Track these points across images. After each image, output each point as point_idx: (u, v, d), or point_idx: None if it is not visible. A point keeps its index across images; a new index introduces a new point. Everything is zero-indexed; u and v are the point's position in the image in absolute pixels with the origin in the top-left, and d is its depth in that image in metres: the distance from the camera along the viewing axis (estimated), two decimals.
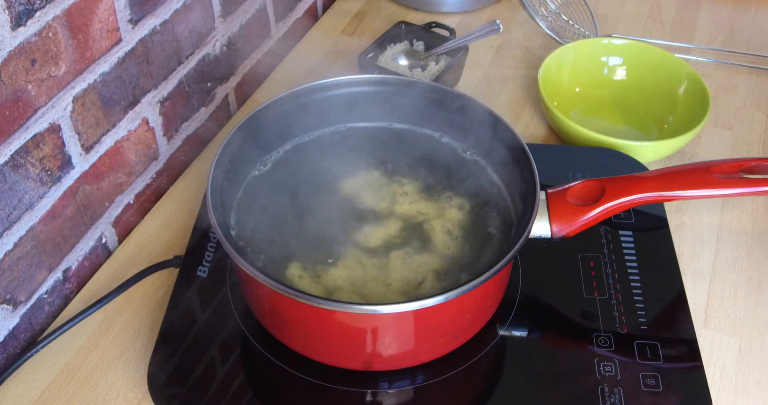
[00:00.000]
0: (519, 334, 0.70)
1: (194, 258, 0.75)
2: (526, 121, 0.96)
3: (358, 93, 0.75)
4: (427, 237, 0.68)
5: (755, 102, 0.99)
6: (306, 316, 0.61)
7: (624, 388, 0.65)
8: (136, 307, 0.75)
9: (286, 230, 0.68)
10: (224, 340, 0.69)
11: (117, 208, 0.81)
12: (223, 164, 0.67)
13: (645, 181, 0.69)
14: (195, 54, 0.87)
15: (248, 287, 0.66)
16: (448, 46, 0.96)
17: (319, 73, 1.04)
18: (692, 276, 0.78)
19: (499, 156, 0.71)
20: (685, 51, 1.07)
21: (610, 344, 0.68)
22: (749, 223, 0.83)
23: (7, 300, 0.69)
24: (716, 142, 0.93)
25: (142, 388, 0.68)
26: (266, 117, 0.71)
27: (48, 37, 0.64)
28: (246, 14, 0.95)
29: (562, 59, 0.97)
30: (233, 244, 0.60)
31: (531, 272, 0.74)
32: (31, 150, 0.66)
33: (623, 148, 0.85)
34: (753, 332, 0.73)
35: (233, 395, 0.65)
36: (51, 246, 0.73)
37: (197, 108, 0.91)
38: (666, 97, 0.95)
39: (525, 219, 0.63)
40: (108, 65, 0.73)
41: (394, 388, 0.66)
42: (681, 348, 0.68)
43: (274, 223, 0.69)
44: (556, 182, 0.71)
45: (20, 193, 0.67)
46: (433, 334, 0.64)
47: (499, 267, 0.59)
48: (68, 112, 0.70)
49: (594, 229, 0.72)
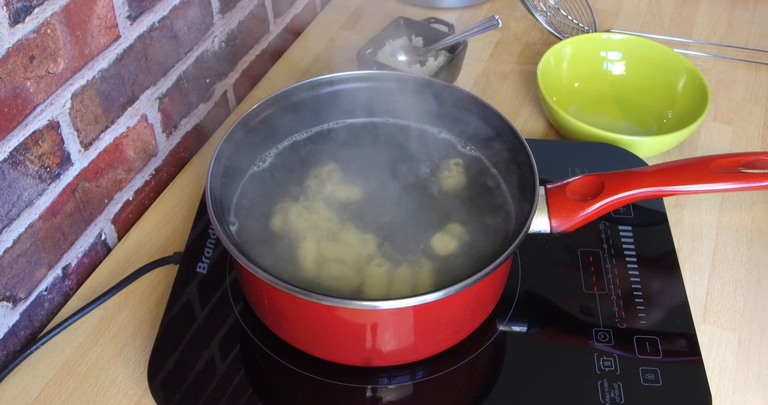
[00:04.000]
0: (518, 329, 0.70)
1: (194, 254, 0.75)
2: (525, 117, 0.96)
3: (357, 89, 0.75)
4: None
5: (754, 96, 0.99)
6: (305, 312, 0.61)
7: (623, 383, 0.65)
8: (135, 303, 0.75)
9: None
10: (224, 337, 0.69)
11: (116, 204, 0.81)
12: (223, 161, 0.67)
13: (644, 176, 0.69)
14: (193, 50, 0.86)
15: (248, 283, 0.66)
16: (447, 41, 0.96)
17: (318, 69, 1.04)
18: (691, 271, 0.78)
19: (498, 151, 0.71)
20: (684, 46, 1.06)
21: (609, 339, 0.68)
22: (748, 217, 0.83)
23: (7, 297, 0.69)
24: (715, 137, 0.93)
25: (142, 385, 0.68)
26: (265, 113, 0.71)
27: (46, 33, 0.64)
28: (244, 10, 0.94)
29: (561, 54, 0.97)
30: (232, 240, 0.60)
31: (530, 267, 0.74)
32: (30, 147, 0.66)
33: (622, 143, 0.85)
34: (752, 327, 0.73)
35: (233, 391, 0.65)
36: (50, 243, 0.73)
37: (196, 104, 0.91)
38: (665, 92, 0.95)
39: (524, 214, 0.63)
40: (106, 62, 0.73)
41: (394, 383, 0.66)
42: (680, 343, 0.69)
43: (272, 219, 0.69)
44: (555, 177, 0.71)
45: (19, 190, 0.67)
46: (433, 329, 0.64)
47: (498, 262, 0.59)
48: (67, 109, 0.69)
49: (593, 224, 0.72)
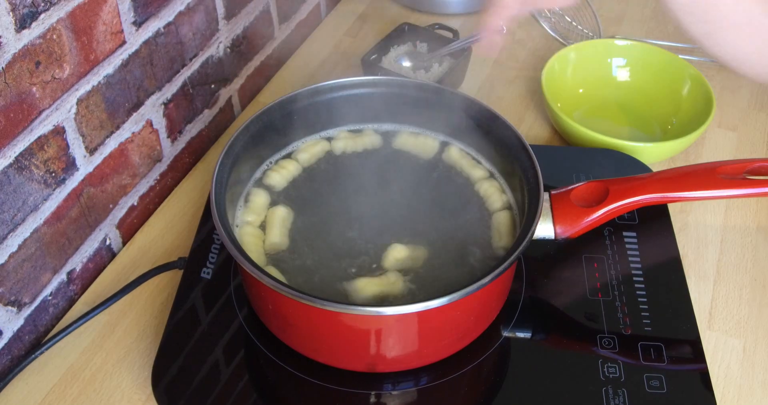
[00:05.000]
0: (523, 335, 0.70)
1: (198, 260, 0.75)
2: (530, 123, 0.96)
3: (362, 95, 0.75)
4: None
5: (759, 103, 0.99)
6: (310, 317, 0.61)
7: (628, 390, 0.65)
8: (140, 308, 0.75)
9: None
10: (228, 342, 0.69)
11: (121, 209, 0.81)
12: (227, 166, 0.67)
13: (649, 182, 0.69)
14: (199, 56, 0.87)
15: (252, 289, 0.66)
16: (451, 47, 0.96)
17: (322, 75, 1.04)
18: (696, 277, 0.78)
19: (502, 157, 0.71)
20: (688, 52, 1.06)
21: (614, 345, 0.68)
22: (753, 224, 0.83)
23: (12, 302, 0.69)
24: (720, 143, 0.93)
25: (146, 390, 0.68)
26: (270, 119, 0.72)
27: (52, 39, 0.64)
28: (249, 16, 0.95)
29: (565, 60, 0.97)
30: (237, 245, 0.60)
31: (535, 274, 0.74)
32: (36, 152, 0.67)
33: (627, 150, 0.85)
34: (758, 333, 0.73)
35: (237, 397, 0.65)
36: (55, 248, 0.73)
37: (201, 110, 0.91)
38: (670, 98, 0.95)
39: (529, 220, 0.63)
40: (112, 67, 0.73)
41: (398, 389, 0.66)
42: (685, 349, 0.68)
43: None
44: (559, 183, 0.71)
45: (25, 195, 0.67)
46: (437, 335, 0.64)
47: (502, 269, 0.59)
48: (72, 115, 0.70)
49: (598, 230, 0.72)
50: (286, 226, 0.68)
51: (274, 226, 0.68)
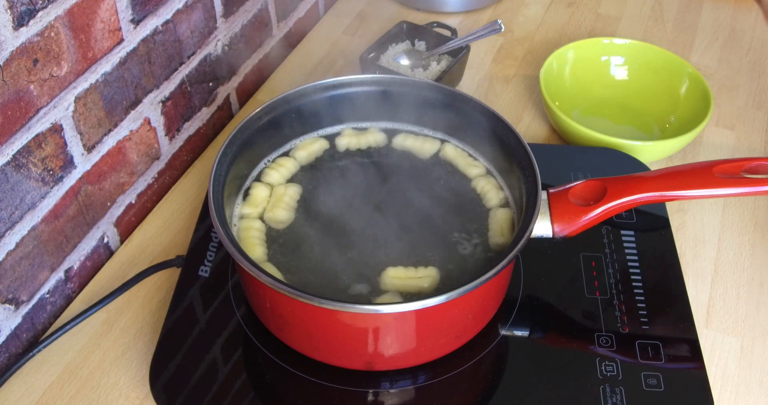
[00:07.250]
0: (520, 333, 0.70)
1: (196, 258, 0.75)
2: (528, 121, 0.96)
3: (360, 93, 0.75)
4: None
5: (757, 102, 0.99)
6: (308, 316, 0.61)
7: (625, 388, 0.65)
8: (137, 307, 0.75)
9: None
10: (226, 340, 0.69)
11: (119, 207, 0.81)
12: (225, 164, 0.67)
13: (647, 180, 0.69)
14: (197, 54, 0.87)
15: (250, 287, 0.66)
16: (449, 45, 0.96)
17: (320, 73, 1.04)
18: (694, 276, 0.78)
19: (500, 156, 0.71)
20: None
21: (611, 344, 0.68)
22: (751, 223, 0.83)
23: (9, 300, 0.69)
24: (718, 142, 0.93)
25: (144, 388, 0.68)
26: (268, 117, 0.72)
27: (50, 37, 0.64)
28: (248, 14, 0.95)
29: (563, 59, 0.97)
30: (235, 243, 0.60)
31: (533, 272, 0.74)
32: (33, 150, 0.66)
33: (625, 148, 0.85)
34: (755, 332, 0.73)
35: (235, 395, 0.65)
36: (53, 246, 0.73)
37: (199, 108, 0.91)
38: (668, 96, 0.95)
39: (526, 219, 0.63)
40: (110, 65, 0.73)
41: (396, 387, 0.66)
42: (683, 348, 0.68)
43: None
44: (557, 182, 0.71)
45: (22, 193, 0.67)
46: (435, 333, 0.64)
47: (500, 267, 0.59)
48: (70, 112, 0.70)
49: (595, 228, 0.72)
50: (293, 203, 0.70)
51: (281, 201, 0.69)
